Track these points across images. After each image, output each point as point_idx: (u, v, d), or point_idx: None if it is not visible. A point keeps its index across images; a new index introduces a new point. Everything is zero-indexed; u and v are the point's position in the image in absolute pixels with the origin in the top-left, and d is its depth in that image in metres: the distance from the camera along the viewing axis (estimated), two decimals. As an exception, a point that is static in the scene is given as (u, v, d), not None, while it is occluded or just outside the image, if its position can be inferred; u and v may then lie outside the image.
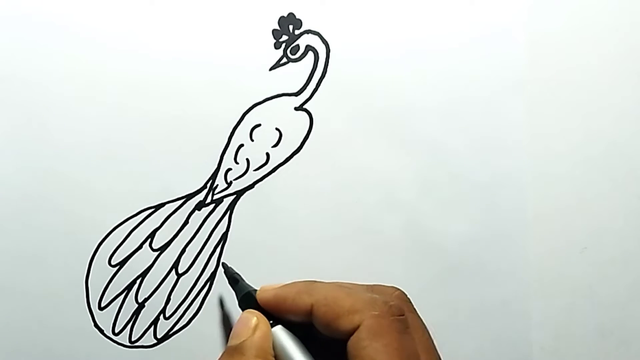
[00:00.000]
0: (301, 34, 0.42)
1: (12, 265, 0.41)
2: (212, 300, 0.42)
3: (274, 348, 0.34)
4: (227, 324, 0.42)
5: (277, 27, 0.42)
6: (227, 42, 0.42)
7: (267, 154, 0.42)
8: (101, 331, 0.42)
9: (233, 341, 0.35)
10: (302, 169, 0.43)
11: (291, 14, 0.42)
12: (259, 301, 0.36)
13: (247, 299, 0.37)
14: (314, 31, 0.42)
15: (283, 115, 0.42)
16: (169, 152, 0.42)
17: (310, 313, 0.34)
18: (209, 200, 0.42)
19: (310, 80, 0.42)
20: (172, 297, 0.42)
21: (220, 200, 0.42)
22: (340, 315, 0.32)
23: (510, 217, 0.44)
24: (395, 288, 0.36)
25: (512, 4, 0.43)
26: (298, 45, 0.42)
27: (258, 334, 0.34)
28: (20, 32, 0.41)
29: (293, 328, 0.35)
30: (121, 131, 0.41)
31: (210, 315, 0.42)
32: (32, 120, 0.41)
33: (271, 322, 0.35)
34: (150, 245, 0.42)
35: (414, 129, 0.43)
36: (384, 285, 0.37)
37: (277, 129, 0.42)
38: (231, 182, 0.42)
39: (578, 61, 0.44)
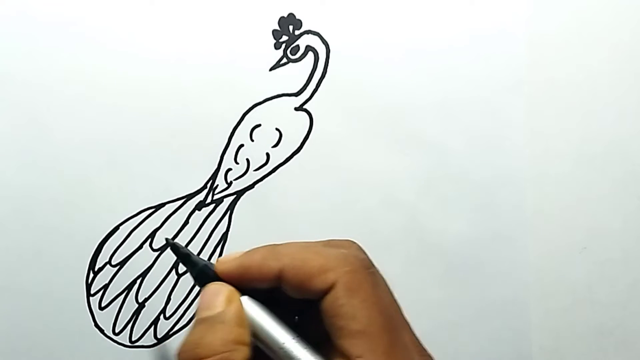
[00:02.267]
0: (301, 34, 0.42)
1: (13, 265, 0.41)
2: (212, 300, 0.42)
3: None
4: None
5: (277, 28, 0.42)
6: (227, 43, 0.42)
7: (267, 154, 0.42)
8: (101, 331, 0.42)
9: (206, 312, 0.32)
10: (302, 169, 0.43)
11: (291, 15, 0.42)
12: (219, 274, 0.33)
13: (204, 274, 0.34)
14: (314, 31, 0.42)
15: (283, 116, 0.42)
16: (170, 152, 0.42)
17: (278, 278, 0.32)
18: (209, 200, 0.42)
19: (310, 80, 0.42)
20: (172, 297, 0.42)
21: (221, 200, 0.42)
22: (312, 275, 0.31)
23: (510, 217, 0.44)
24: (351, 241, 0.35)
25: (512, 4, 0.43)
26: (298, 46, 0.42)
27: (234, 303, 0.32)
28: (21, 33, 0.41)
29: (256, 296, 0.33)
30: (121, 131, 0.41)
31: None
32: (33, 120, 0.41)
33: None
34: (150, 245, 0.42)
35: (414, 129, 0.43)
36: (339, 240, 0.35)
37: (277, 129, 0.42)
38: (231, 182, 0.42)
39: (578, 61, 0.44)
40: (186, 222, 0.42)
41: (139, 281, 0.42)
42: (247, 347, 0.31)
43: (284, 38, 0.42)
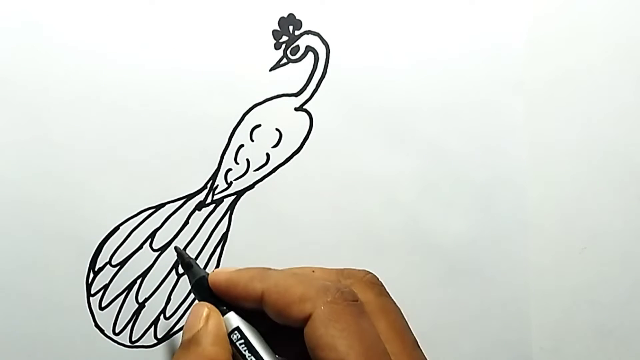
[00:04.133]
0: (301, 34, 0.42)
1: (13, 265, 0.41)
2: (212, 300, 0.42)
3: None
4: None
5: (277, 28, 0.42)
6: (227, 43, 0.42)
7: (267, 154, 0.42)
8: (102, 331, 0.42)
9: (186, 335, 0.34)
10: (302, 169, 0.43)
11: (291, 15, 0.42)
12: (210, 284, 0.35)
13: (200, 284, 0.36)
14: (314, 32, 0.42)
15: (283, 116, 0.42)
16: (170, 153, 0.42)
17: (261, 300, 0.33)
18: (209, 200, 0.42)
19: (310, 80, 0.42)
20: (172, 297, 0.42)
21: (221, 200, 0.42)
22: (291, 303, 0.32)
23: (509, 217, 0.44)
24: (366, 272, 0.36)
25: (512, 4, 0.43)
26: (298, 46, 0.42)
27: (211, 322, 0.34)
28: (22, 33, 0.41)
29: (246, 313, 0.34)
30: (122, 131, 0.41)
31: (210, 315, 0.42)
32: (33, 121, 0.41)
33: (224, 307, 0.35)
34: (150, 245, 0.42)
35: (413, 130, 0.43)
36: (354, 270, 0.36)
37: (277, 129, 0.42)
38: (231, 182, 0.42)
39: (578, 61, 0.44)
40: (186, 222, 0.42)
41: (139, 281, 0.42)
42: None
43: (284, 38, 0.42)
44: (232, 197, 0.42)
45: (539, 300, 0.44)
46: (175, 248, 0.39)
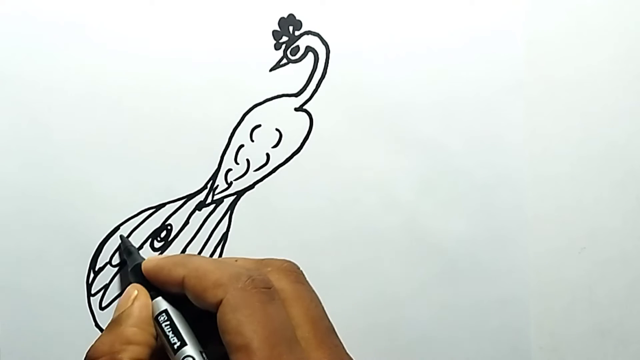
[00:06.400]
0: (301, 35, 0.42)
1: (13, 265, 0.41)
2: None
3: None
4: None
5: (277, 28, 0.42)
6: (227, 43, 0.42)
7: (267, 155, 0.42)
8: (102, 331, 0.42)
9: (114, 315, 0.36)
10: (302, 169, 0.43)
11: (291, 15, 0.42)
12: (142, 270, 0.37)
13: (136, 269, 0.37)
14: (314, 32, 0.42)
15: (283, 116, 0.42)
16: (170, 153, 0.42)
17: (182, 285, 0.34)
18: (209, 200, 0.42)
19: (310, 81, 0.42)
20: (172, 297, 0.42)
21: (221, 200, 0.42)
22: (207, 288, 0.33)
23: (509, 216, 0.44)
24: (285, 260, 0.37)
25: (512, 4, 0.43)
26: (298, 46, 0.42)
27: (136, 304, 0.35)
28: (22, 33, 0.41)
29: (178, 300, 0.36)
30: (122, 131, 0.41)
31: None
32: (34, 120, 0.41)
33: (154, 293, 0.36)
34: (151, 245, 0.42)
35: (413, 129, 0.43)
36: (274, 259, 0.37)
37: (277, 129, 0.42)
38: (231, 182, 0.42)
39: (577, 61, 0.44)
40: (186, 222, 0.42)
41: (139, 281, 0.42)
42: (141, 346, 0.34)
43: (284, 39, 0.42)
44: (232, 197, 0.42)
45: (538, 299, 0.44)
46: (120, 236, 0.41)
